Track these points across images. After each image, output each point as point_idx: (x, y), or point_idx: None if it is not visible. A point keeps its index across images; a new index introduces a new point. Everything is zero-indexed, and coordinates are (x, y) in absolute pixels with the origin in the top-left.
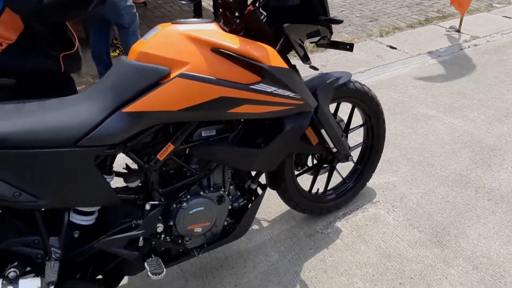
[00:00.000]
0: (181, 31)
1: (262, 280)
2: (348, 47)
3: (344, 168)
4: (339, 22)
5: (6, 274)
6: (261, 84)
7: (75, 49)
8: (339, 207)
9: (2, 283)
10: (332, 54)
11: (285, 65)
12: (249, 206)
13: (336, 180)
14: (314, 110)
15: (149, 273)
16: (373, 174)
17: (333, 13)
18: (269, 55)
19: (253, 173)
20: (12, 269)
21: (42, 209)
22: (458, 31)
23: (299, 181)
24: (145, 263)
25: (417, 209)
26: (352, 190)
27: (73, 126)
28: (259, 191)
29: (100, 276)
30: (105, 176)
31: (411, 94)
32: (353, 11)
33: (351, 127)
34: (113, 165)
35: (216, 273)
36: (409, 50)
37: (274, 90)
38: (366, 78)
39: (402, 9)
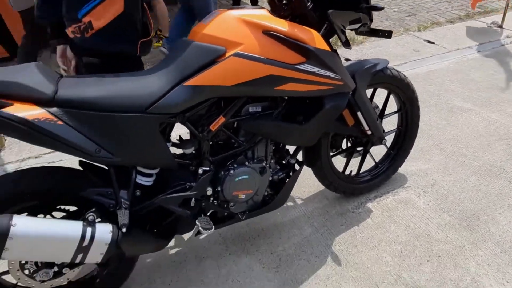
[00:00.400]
0: (236, 15)
1: (295, 250)
2: (386, 34)
3: (377, 154)
4: (380, 9)
5: (86, 217)
6: (306, 65)
7: (150, 36)
8: (370, 190)
9: (83, 224)
10: (368, 47)
11: (328, 48)
12: (287, 180)
13: (369, 164)
14: (352, 93)
15: (200, 228)
16: (406, 161)
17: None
18: (314, 38)
19: (292, 150)
20: (91, 214)
21: (115, 166)
22: (500, 26)
23: (334, 163)
24: (196, 220)
25: (448, 195)
26: (384, 174)
27: (144, 95)
28: (297, 167)
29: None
30: None
31: (447, 87)
32: (391, 5)
33: (386, 113)
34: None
35: (253, 242)
36: (448, 45)
37: (317, 71)
38: (402, 71)
39: (442, 4)
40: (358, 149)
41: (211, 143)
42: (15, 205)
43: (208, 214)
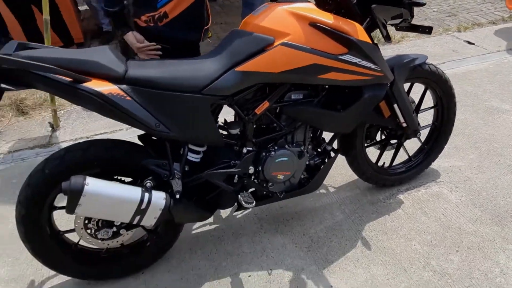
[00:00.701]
0: (285, 8)
1: (327, 233)
2: (427, 30)
3: (410, 149)
4: (421, 4)
5: (144, 184)
6: (348, 55)
7: (209, 23)
8: (401, 182)
9: (142, 190)
10: (406, 46)
11: (369, 41)
12: (322, 166)
13: (402, 158)
14: (390, 85)
15: (242, 202)
16: (439, 157)
17: None
18: (357, 31)
19: (328, 139)
20: (148, 181)
21: (170, 141)
22: None
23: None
24: (239, 196)
25: (481, 191)
26: (417, 168)
27: (199, 78)
28: (332, 155)
29: None
30: None
31: (486, 88)
32: (431, 5)
33: (422, 108)
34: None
35: (287, 223)
36: (488, 46)
37: (359, 61)
38: None
39: (484, 4)
40: (392, 142)
41: (255, 125)
42: (82, 171)
43: (249, 191)
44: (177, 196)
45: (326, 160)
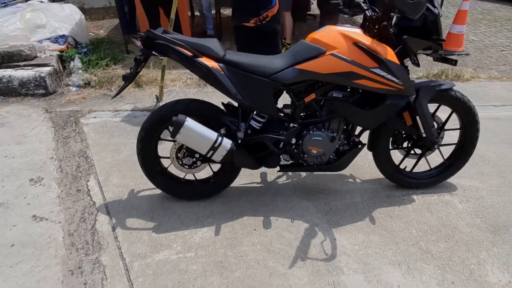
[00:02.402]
0: (338, 29)
1: (343, 207)
2: (453, 62)
3: (434, 160)
4: (442, 40)
5: (220, 131)
6: (377, 69)
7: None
8: (417, 187)
9: (217, 134)
10: (472, 85)
11: (397, 61)
12: (348, 153)
13: (424, 167)
14: (414, 100)
15: (282, 160)
16: (461, 177)
17: (491, 51)
18: (387, 52)
19: (357, 132)
20: (222, 130)
21: (242, 107)
22: None
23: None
24: (281, 156)
25: (489, 208)
26: (434, 178)
27: (271, 68)
28: (359, 147)
29: None
30: None
31: None
32: None
33: (449, 128)
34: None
35: (315, 195)
36: None
37: (385, 75)
38: (497, 112)
39: None
40: (416, 151)
41: (302, 110)
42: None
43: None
44: (239, 145)
45: (352, 149)
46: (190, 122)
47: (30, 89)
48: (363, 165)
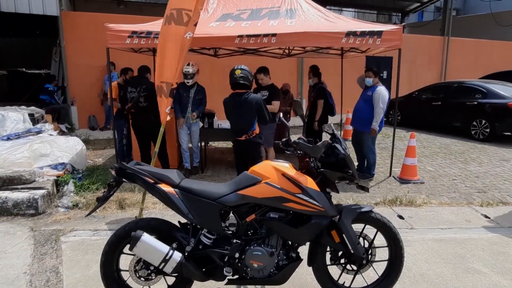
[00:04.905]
0: (271, 164)
1: None
2: (367, 190)
3: (371, 277)
4: (350, 173)
5: (171, 245)
6: (301, 195)
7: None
8: None
9: (169, 248)
10: (424, 210)
11: (317, 188)
12: (287, 266)
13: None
14: (338, 220)
15: (225, 272)
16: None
17: (444, 180)
18: (307, 181)
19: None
20: (174, 244)
21: (193, 225)
22: None
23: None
24: (224, 269)
25: None
26: None
27: (217, 193)
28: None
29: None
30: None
31: (476, 253)
32: (465, 181)
33: (378, 246)
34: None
35: None
36: (502, 222)
37: (307, 199)
38: (443, 234)
39: None
40: (353, 267)
41: (244, 228)
42: (145, 230)
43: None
44: (188, 257)
45: (290, 263)
46: (146, 237)
47: (22, 209)
48: (312, 282)
